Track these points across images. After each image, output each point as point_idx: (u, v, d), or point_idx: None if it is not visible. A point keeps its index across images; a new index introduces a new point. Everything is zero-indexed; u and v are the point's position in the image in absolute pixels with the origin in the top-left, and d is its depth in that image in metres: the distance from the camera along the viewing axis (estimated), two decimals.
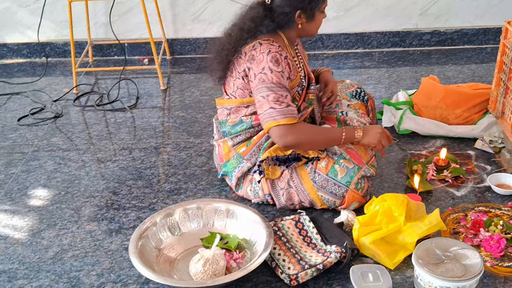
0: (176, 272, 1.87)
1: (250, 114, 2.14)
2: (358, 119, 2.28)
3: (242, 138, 2.17)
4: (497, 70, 2.44)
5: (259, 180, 2.12)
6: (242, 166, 2.18)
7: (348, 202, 2.07)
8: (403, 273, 1.84)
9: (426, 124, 2.61)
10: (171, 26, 3.74)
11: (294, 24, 2.06)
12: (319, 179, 2.07)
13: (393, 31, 3.70)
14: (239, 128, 2.15)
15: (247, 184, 2.19)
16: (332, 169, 2.06)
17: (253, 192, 2.17)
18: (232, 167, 2.20)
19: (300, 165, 2.10)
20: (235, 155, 2.19)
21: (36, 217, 2.20)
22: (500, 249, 1.90)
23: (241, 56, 2.05)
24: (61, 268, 1.93)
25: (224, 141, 2.22)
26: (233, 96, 2.14)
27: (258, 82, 1.98)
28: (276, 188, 2.13)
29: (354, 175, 2.06)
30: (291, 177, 2.10)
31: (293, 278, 1.79)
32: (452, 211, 2.12)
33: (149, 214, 2.14)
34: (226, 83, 2.16)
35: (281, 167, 2.10)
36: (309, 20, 2.07)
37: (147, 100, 3.21)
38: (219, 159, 2.27)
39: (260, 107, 1.99)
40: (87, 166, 2.54)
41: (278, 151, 2.07)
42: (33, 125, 2.95)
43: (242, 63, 2.04)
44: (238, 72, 2.06)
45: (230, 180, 2.25)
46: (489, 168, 2.38)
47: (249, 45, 2.04)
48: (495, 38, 3.67)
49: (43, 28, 3.60)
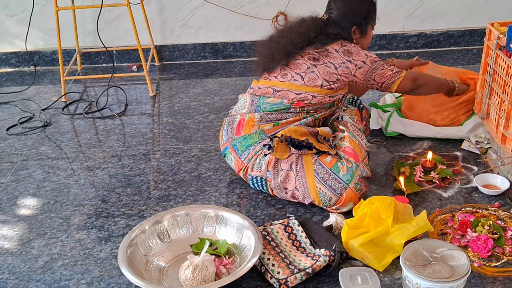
0: (166, 279, 1.87)
1: (295, 100, 2.23)
2: (352, 123, 2.34)
3: (273, 117, 2.24)
4: (481, 71, 2.46)
5: (266, 154, 2.18)
6: (263, 142, 2.22)
7: (345, 201, 2.10)
8: (391, 275, 1.85)
9: (413, 126, 2.63)
10: (159, 32, 3.75)
11: (351, 39, 2.30)
12: (322, 171, 2.12)
13: (380, 34, 3.72)
14: (276, 107, 2.24)
15: (257, 156, 2.22)
16: (336, 166, 2.12)
17: (258, 164, 2.21)
18: (252, 141, 2.24)
19: (309, 153, 2.15)
20: (258, 131, 2.24)
21: (25, 227, 2.20)
22: (488, 249, 1.91)
23: (330, 52, 2.25)
24: (51, 277, 1.93)
25: (252, 115, 2.26)
26: (299, 76, 2.25)
27: (371, 64, 2.26)
28: (278, 167, 2.17)
29: (354, 173, 2.11)
30: (296, 162, 2.15)
31: (282, 283, 1.80)
32: (439, 212, 2.13)
33: (139, 221, 2.14)
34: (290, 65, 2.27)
35: (292, 149, 2.15)
36: (362, 36, 2.33)
37: (136, 107, 3.21)
38: (236, 132, 2.29)
39: (384, 76, 2.28)
40: (76, 175, 2.54)
41: (293, 133, 2.13)
42: (22, 134, 2.95)
43: (336, 57, 2.24)
44: (331, 63, 2.23)
45: (238, 153, 2.27)
46: (475, 169, 2.40)
47: (334, 44, 2.27)
48: (481, 39, 3.69)
49: (31, 37, 3.59)
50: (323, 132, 2.20)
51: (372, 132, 2.70)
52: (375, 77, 2.27)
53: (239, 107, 2.35)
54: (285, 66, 2.28)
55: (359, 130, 2.34)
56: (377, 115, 2.73)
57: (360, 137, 2.28)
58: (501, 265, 1.87)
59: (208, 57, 3.81)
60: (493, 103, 2.35)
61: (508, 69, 2.17)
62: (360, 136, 2.29)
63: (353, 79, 2.26)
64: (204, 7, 3.66)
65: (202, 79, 3.55)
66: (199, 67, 3.73)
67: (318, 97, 2.23)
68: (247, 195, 2.31)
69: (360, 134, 2.31)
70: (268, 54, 2.30)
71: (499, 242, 1.95)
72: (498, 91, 2.28)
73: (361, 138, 2.29)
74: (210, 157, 2.62)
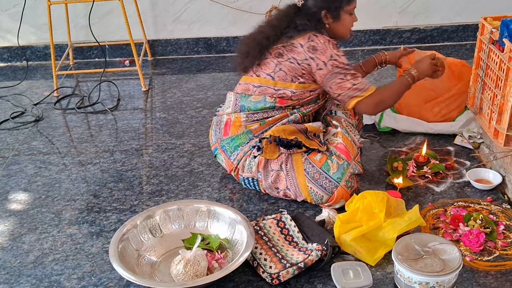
0: (158, 274, 1.87)
1: (276, 97, 2.19)
2: (345, 119, 2.32)
3: (259, 116, 2.21)
4: (474, 66, 2.46)
5: (256, 156, 2.16)
6: (251, 142, 2.21)
7: (336, 199, 2.10)
8: (383, 269, 1.85)
9: (405, 122, 2.63)
10: (152, 27, 3.73)
11: (322, 24, 2.16)
12: (312, 170, 2.10)
13: (373, 29, 3.72)
14: (260, 106, 2.20)
15: (247, 157, 2.21)
16: (326, 164, 2.10)
17: (248, 165, 2.20)
18: (240, 142, 2.22)
19: (299, 152, 2.13)
20: (245, 131, 2.22)
21: (16, 222, 2.19)
22: (479, 244, 1.91)
23: (295, 46, 2.13)
24: (42, 272, 1.92)
25: (238, 115, 2.24)
26: (269, 76, 2.18)
27: (331, 68, 2.10)
28: (268, 168, 2.16)
29: (345, 171, 2.10)
30: (286, 161, 2.13)
31: (274, 277, 1.79)
32: (431, 206, 2.14)
33: (131, 216, 2.13)
34: (261, 64, 2.22)
35: (281, 149, 2.13)
36: (335, 20, 2.17)
37: (128, 102, 3.20)
38: (224, 132, 2.28)
39: (340, 88, 2.12)
40: (67, 169, 2.53)
41: (281, 133, 2.11)
42: (14, 129, 2.93)
43: (300, 53, 2.12)
44: (294, 59, 2.13)
45: (228, 155, 2.26)
46: (468, 164, 2.40)
47: (301, 37, 2.13)
48: (474, 34, 3.69)
49: (23, 32, 3.57)
50: (312, 128, 2.18)
51: (365, 127, 2.69)
52: (332, 85, 2.13)
53: (225, 106, 2.33)
54: (258, 66, 2.22)
55: (352, 125, 2.33)
56: None
57: (353, 133, 2.28)
58: (493, 259, 1.88)
59: (201, 52, 3.80)
60: (485, 98, 2.35)
61: (501, 63, 2.17)
62: (353, 132, 2.29)
63: (314, 79, 2.17)
64: (197, 1, 3.64)
65: (195, 74, 3.54)
66: (192, 62, 3.72)
67: (297, 93, 2.18)
68: (239, 190, 2.31)
69: (353, 129, 2.30)
70: (244, 50, 2.25)
71: (491, 236, 1.95)
72: (491, 86, 2.28)
73: (354, 134, 2.28)
74: (202, 152, 2.61)
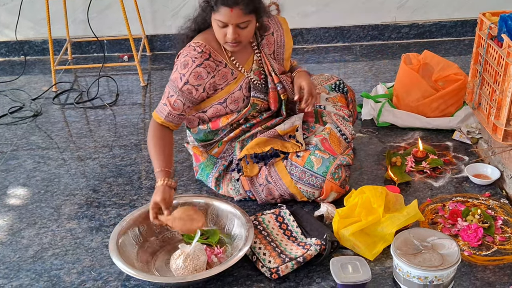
0: (157, 269, 1.87)
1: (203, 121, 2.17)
2: (336, 112, 2.30)
3: (211, 143, 2.22)
4: (473, 61, 2.46)
5: (238, 178, 2.14)
6: (218, 166, 2.20)
7: (326, 193, 2.08)
8: (382, 264, 1.86)
9: (404, 117, 2.63)
10: (151, 22, 3.72)
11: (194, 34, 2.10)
12: (296, 171, 2.08)
13: (372, 25, 3.72)
14: (203, 136, 2.20)
15: (227, 183, 2.20)
16: (308, 160, 2.08)
17: (234, 190, 2.18)
18: (208, 169, 2.23)
19: (278, 160, 2.11)
20: (208, 157, 2.23)
21: (15, 216, 2.19)
22: (478, 238, 1.92)
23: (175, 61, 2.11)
24: (41, 266, 1.92)
25: (195, 146, 2.26)
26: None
27: (167, 85, 2.08)
28: (255, 184, 2.14)
29: (330, 165, 2.07)
30: (269, 173, 2.11)
31: (273, 272, 1.80)
32: (430, 201, 2.14)
33: (130, 211, 2.13)
34: None
35: (259, 164, 2.12)
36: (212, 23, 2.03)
37: (127, 97, 3.19)
38: (195, 159, 2.30)
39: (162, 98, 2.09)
40: (67, 164, 2.53)
41: (256, 148, 2.09)
42: (12, 124, 2.93)
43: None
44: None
45: (208, 183, 2.26)
46: (466, 159, 2.41)
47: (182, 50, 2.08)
48: (472, 30, 3.69)
49: (21, 27, 3.57)
50: (284, 132, 2.13)
51: (364, 123, 2.70)
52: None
53: (188, 136, 2.34)
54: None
55: (343, 118, 2.30)
56: (369, 106, 2.73)
57: (344, 126, 2.26)
58: (491, 254, 1.88)
59: None
60: (484, 93, 2.35)
61: (500, 59, 2.17)
62: (344, 125, 2.26)
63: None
64: None
65: None
66: None
67: (190, 117, 2.16)
68: None
69: (344, 123, 2.28)
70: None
71: (489, 231, 1.96)
72: (489, 81, 2.28)
73: (345, 127, 2.26)
74: None
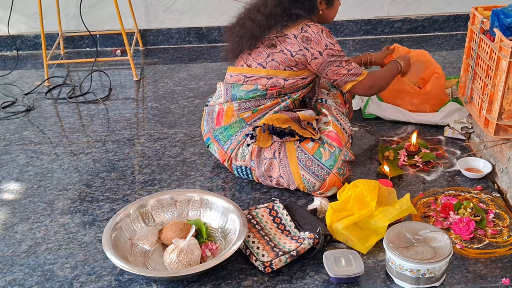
0: (151, 263, 1.88)
1: (268, 85, 2.20)
2: (336, 107, 2.33)
3: (251, 105, 2.22)
4: (465, 56, 2.48)
5: (249, 144, 2.17)
6: (244, 130, 2.22)
7: (328, 186, 2.11)
8: (375, 257, 1.87)
9: (388, 110, 2.65)
10: (144, 16, 3.71)
11: (316, 10, 2.19)
12: (304, 158, 2.12)
13: (365, 19, 3.73)
14: (252, 95, 2.21)
15: (240, 146, 2.22)
16: (318, 151, 2.13)
17: (241, 154, 2.21)
18: (233, 131, 2.23)
19: (292, 140, 2.15)
20: (238, 120, 2.23)
21: (8, 211, 2.18)
22: (469, 232, 1.94)
23: (288, 37, 2.14)
24: (34, 261, 1.92)
25: (230, 105, 2.25)
26: (261, 66, 2.19)
27: (327, 57, 2.15)
28: (261, 156, 2.17)
29: (337, 158, 2.12)
30: (279, 150, 2.15)
31: (267, 265, 1.80)
32: (422, 195, 2.15)
33: (123, 205, 2.14)
34: (252, 53, 2.22)
35: (274, 137, 2.15)
36: (328, 6, 2.22)
37: (120, 91, 3.19)
38: (216, 122, 2.28)
39: (336, 75, 2.19)
40: (59, 159, 2.53)
41: (275, 122, 2.12)
42: (5, 119, 2.92)
43: (293, 44, 2.14)
44: (288, 50, 2.15)
45: (221, 144, 2.26)
46: (458, 153, 2.42)
47: (294, 27, 2.15)
48: (465, 25, 3.71)
49: (13, 21, 3.55)
50: (304, 117, 2.19)
51: (355, 117, 2.71)
52: (328, 72, 2.19)
53: (216, 97, 2.33)
54: (248, 55, 2.23)
55: (343, 114, 2.34)
56: (359, 97, 2.75)
57: (344, 120, 2.29)
58: (483, 246, 1.90)
59: (192, 42, 3.79)
60: (476, 87, 2.36)
61: (492, 53, 2.18)
62: (344, 119, 2.30)
63: (308, 68, 2.20)
64: None
65: (186, 63, 3.53)
66: (184, 51, 3.71)
67: (290, 80, 2.19)
68: (232, 180, 2.31)
69: (344, 118, 2.31)
70: (235, 40, 2.25)
71: (481, 224, 1.98)
72: (481, 75, 2.29)
73: (345, 122, 2.29)
74: (195, 142, 2.61)
